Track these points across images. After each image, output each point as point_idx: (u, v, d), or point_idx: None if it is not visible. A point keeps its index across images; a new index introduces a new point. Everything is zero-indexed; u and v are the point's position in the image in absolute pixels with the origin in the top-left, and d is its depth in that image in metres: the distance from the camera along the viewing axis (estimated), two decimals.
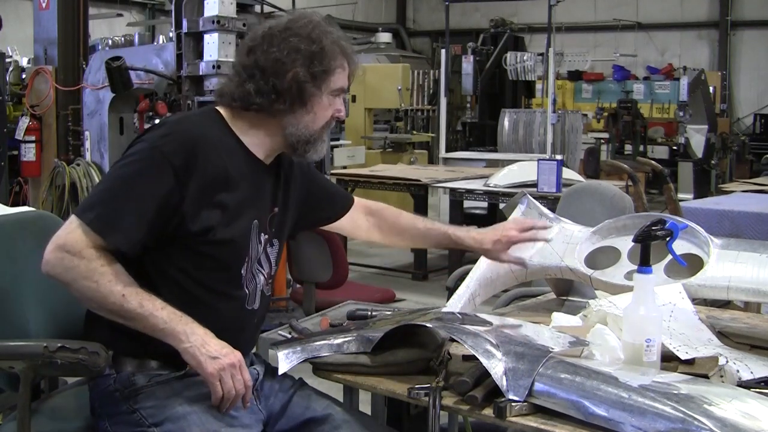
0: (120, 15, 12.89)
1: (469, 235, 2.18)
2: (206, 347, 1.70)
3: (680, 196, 8.40)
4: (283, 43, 1.86)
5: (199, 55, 4.96)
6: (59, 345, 1.68)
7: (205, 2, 4.90)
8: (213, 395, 1.70)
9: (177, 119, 1.94)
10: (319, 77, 1.86)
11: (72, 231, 1.71)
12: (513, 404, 1.52)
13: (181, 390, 1.77)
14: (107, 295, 1.69)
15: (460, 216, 6.66)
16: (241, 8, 5.14)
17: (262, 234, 1.91)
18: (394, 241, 2.29)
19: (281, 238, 2.01)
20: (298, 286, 4.26)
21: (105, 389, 1.79)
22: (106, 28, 12.31)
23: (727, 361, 1.72)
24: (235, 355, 1.73)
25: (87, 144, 5.83)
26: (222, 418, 1.74)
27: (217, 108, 1.93)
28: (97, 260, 1.69)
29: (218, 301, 1.82)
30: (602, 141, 11.44)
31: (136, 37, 9.44)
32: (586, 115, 11.49)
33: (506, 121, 9.26)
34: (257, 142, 1.90)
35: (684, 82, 10.41)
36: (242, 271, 1.86)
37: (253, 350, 2.00)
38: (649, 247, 1.79)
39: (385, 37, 17.03)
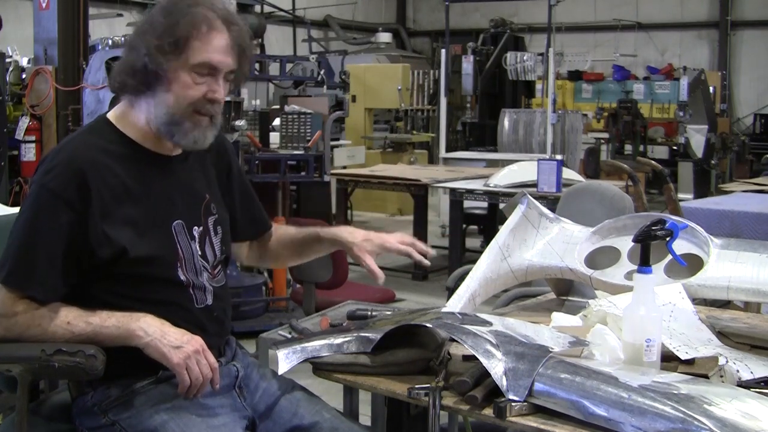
0: (120, 15, 12.89)
1: (339, 228, 2.09)
2: (167, 338, 1.69)
3: (680, 196, 8.40)
4: (147, 18, 1.78)
5: None
6: (56, 348, 1.67)
7: None
8: (180, 383, 1.68)
9: (59, 148, 1.82)
10: (170, 51, 1.72)
11: None
12: (513, 404, 1.51)
13: (157, 396, 1.75)
14: (55, 331, 1.70)
15: (460, 216, 6.66)
16: (241, 8, 5.14)
17: (195, 228, 1.86)
18: (276, 254, 2.18)
19: (224, 222, 1.95)
20: (298, 286, 4.26)
21: (84, 406, 1.78)
22: (106, 28, 12.29)
23: (727, 361, 1.71)
24: (197, 341, 1.71)
25: None
26: (203, 421, 1.72)
27: (108, 116, 1.86)
28: (31, 307, 1.70)
29: (164, 311, 1.77)
30: (602, 141, 11.42)
31: None
32: (586, 115, 11.48)
33: (506, 121, 9.26)
34: (145, 135, 1.82)
35: (684, 82, 10.40)
36: (180, 277, 1.81)
37: (234, 347, 1.97)
38: (649, 247, 1.79)
39: (385, 37, 17.02)
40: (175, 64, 1.74)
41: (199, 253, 1.86)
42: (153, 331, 1.69)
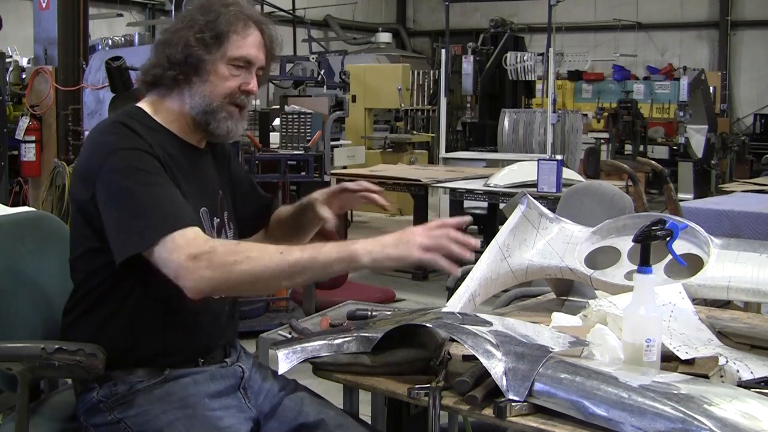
0: (120, 15, 12.90)
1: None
2: (385, 246, 1.62)
3: (680, 196, 8.39)
4: (184, 17, 1.88)
5: None
6: (56, 347, 1.67)
7: None
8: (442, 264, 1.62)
9: (106, 124, 1.83)
10: (210, 43, 1.82)
11: (179, 244, 1.63)
12: (513, 404, 1.51)
13: (163, 396, 1.75)
14: (265, 258, 1.63)
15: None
16: None
17: (214, 218, 1.90)
18: (273, 234, 2.15)
19: (233, 219, 2.00)
20: None
21: (89, 401, 1.78)
22: (106, 28, 12.31)
23: (727, 361, 1.71)
24: (413, 229, 1.65)
25: None
26: (209, 422, 1.72)
27: (139, 105, 1.91)
28: (221, 242, 1.73)
29: (181, 294, 1.74)
30: (602, 141, 11.42)
31: (136, 37, 9.45)
32: (586, 115, 11.49)
33: (506, 121, 9.26)
34: (179, 125, 1.88)
35: (684, 82, 10.40)
36: None
37: (238, 348, 1.97)
38: (649, 247, 1.79)
39: (385, 37, 17.04)
40: (215, 57, 1.83)
41: None
42: (372, 246, 1.63)
